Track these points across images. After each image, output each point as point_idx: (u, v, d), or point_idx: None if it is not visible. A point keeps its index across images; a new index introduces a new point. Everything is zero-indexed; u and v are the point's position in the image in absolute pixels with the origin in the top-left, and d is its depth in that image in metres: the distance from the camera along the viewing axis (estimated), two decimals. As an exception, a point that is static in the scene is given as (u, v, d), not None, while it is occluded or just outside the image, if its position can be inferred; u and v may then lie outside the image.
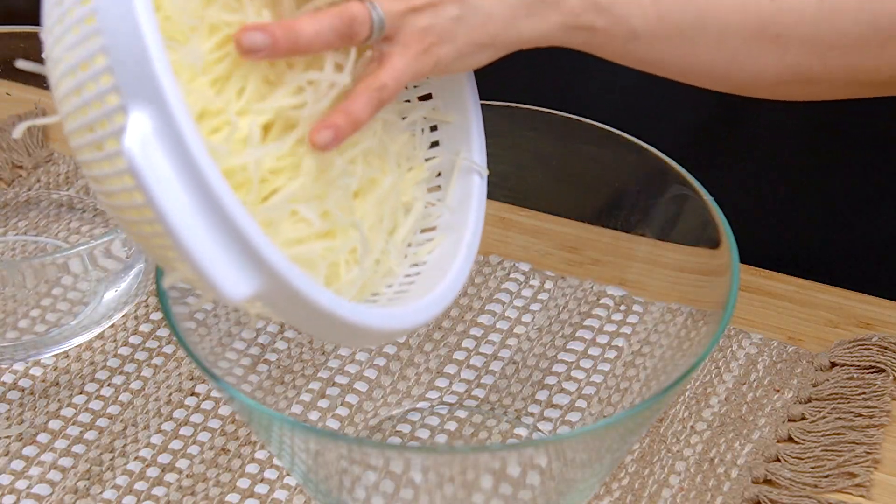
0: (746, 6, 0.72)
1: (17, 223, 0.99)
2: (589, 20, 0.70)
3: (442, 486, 0.67)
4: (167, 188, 0.55)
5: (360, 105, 0.66)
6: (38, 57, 0.99)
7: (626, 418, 0.67)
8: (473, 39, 0.69)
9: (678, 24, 0.71)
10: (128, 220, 0.61)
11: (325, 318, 0.60)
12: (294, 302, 0.59)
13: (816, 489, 0.79)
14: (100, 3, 0.57)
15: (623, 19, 0.71)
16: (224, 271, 0.57)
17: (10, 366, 0.87)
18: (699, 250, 0.77)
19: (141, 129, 0.55)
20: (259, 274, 0.57)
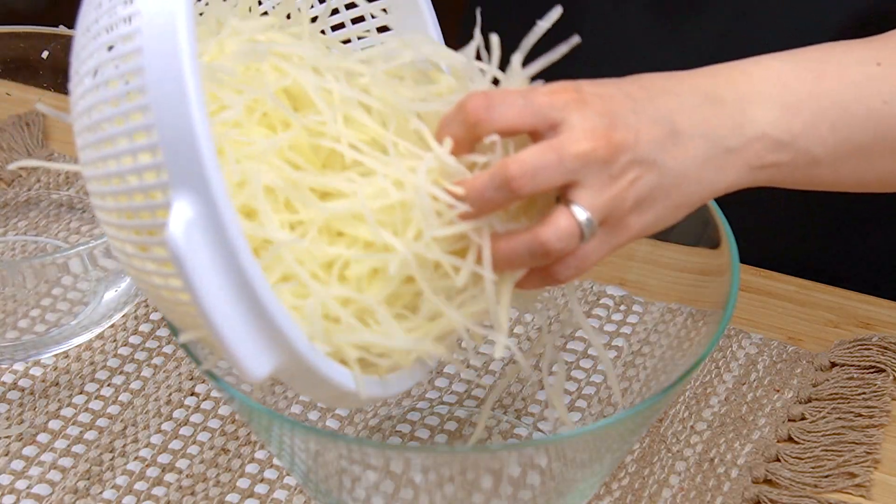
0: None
1: (17, 223, 0.99)
2: (773, 158, 0.71)
3: (442, 486, 0.67)
4: (205, 274, 0.57)
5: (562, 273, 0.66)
6: (38, 56, 0.99)
7: (626, 418, 0.67)
8: (672, 202, 0.68)
9: (856, 145, 0.72)
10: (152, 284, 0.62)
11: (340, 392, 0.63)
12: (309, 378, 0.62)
13: (816, 489, 0.79)
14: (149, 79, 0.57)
15: (805, 151, 0.71)
16: (248, 353, 0.59)
17: (10, 366, 0.87)
18: (699, 250, 0.77)
19: (185, 216, 0.57)
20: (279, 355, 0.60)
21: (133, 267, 0.63)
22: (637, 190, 0.66)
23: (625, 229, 0.67)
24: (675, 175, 0.68)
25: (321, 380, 0.61)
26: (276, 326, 0.59)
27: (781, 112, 0.70)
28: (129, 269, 0.64)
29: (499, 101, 0.65)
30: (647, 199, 0.67)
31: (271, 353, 0.59)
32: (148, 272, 0.62)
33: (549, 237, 0.64)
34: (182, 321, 0.63)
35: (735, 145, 0.69)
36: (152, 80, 0.57)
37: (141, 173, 0.59)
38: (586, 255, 0.66)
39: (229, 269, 0.57)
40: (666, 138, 0.67)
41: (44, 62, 0.99)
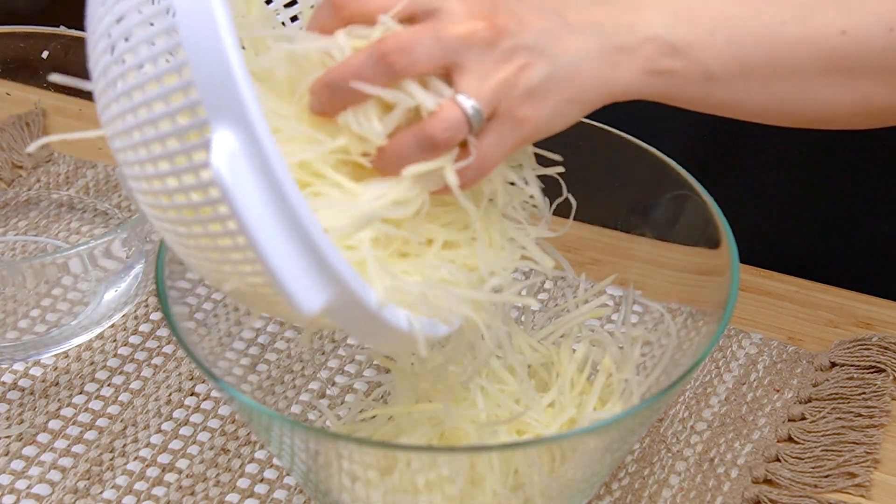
0: (817, 41, 0.71)
1: (17, 223, 0.99)
2: (667, 64, 0.70)
3: (442, 486, 0.67)
4: (254, 204, 0.57)
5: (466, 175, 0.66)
6: (38, 57, 0.99)
7: (626, 418, 0.67)
8: (566, 94, 0.68)
9: (752, 63, 0.71)
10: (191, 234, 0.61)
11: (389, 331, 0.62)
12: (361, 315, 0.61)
13: (816, 489, 0.79)
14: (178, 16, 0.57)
15: (699, 61, 0.70)
16: (301, 286, 0.58)
17: (10, 366, 0.87)
18: (699, 250, 0.77)
19: (227, 147, 0.56)
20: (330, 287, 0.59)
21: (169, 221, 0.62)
22: (527, 77, 0.66)
23: (522, 122, 0.66)
24: (568, 66, 0.67)
25: (372, 316, 0.61)
26: (327, 259, 0.58)
27: (675, 18, 0.70)
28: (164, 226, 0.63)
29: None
30: (539, 88, 0.66)
31: (323, 287, 0.59)
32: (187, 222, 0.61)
33: (434, 127, 0.64)
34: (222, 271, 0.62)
35: (627, 44, 0.69)
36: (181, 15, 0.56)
37: (174, 116, 0.59)
38: (485, 152, 0.66)
39: (276, 200, 0.57)
40: (555, 28, 0.67)
41: (44, 62, 0.99)
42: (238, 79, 0.56)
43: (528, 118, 0.66)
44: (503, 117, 0.66)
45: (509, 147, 0.66)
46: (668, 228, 0.80)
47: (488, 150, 0.66)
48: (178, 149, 0.59)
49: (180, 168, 0.59)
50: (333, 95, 0.65)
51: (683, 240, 0.78)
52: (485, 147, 0.65)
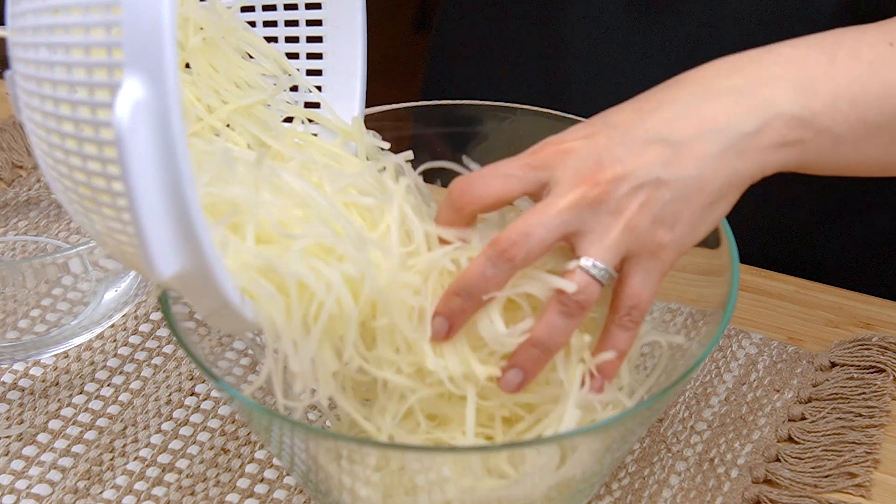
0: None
1: (17, 223, 0.99)
2: (796, 135, 0.70)
3: (442, 486, 0.67)
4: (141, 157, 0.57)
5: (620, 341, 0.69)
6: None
7: (626, 418, 0.67)
8: (699, 206, 0.68)
9: (877, 122, 0.72)
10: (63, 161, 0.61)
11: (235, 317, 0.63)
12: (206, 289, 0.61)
13: (816, 489, 0.79)
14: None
15: (826, 129, 0.71)
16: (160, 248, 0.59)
17: (10, 366, 0.87)
18: (699, 250, 0.77)
19: (134, 95, 0.57)
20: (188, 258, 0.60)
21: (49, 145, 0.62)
22: (651, 211, 0.67)
23: (661, 250, 0.68)
24: (689, 181, 0.68)
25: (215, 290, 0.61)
26: (193, 225, 0.58)
27: (798, 91, 0.70)
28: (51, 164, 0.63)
29: (478, 179, 0.68)
30: (665, 214, 0.67)
31: (181, 255, 0.59)
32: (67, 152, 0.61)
33: (567, 296, 0.67)
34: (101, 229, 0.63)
35: (753, 128, 0.69)
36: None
37: (90, 49, 0.59)
38: (635, 293, 0.68)
39: (166, 161, 0.57)
40: (663, 154, 0.68)
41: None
42: (165, 31, 0.56)
43: (665, 244, 0.68)
44: (640, 255, 0.68)
45: (657, 278, 0.68)
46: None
47: (639, 288, 0.68)
48: (83, 80, 0.59)
49: (79, 99, 0.59)
50: (464, 304, 0.67)
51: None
52: (635, 287, 0.68)
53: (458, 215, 0.69)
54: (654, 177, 0.67)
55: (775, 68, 0.71)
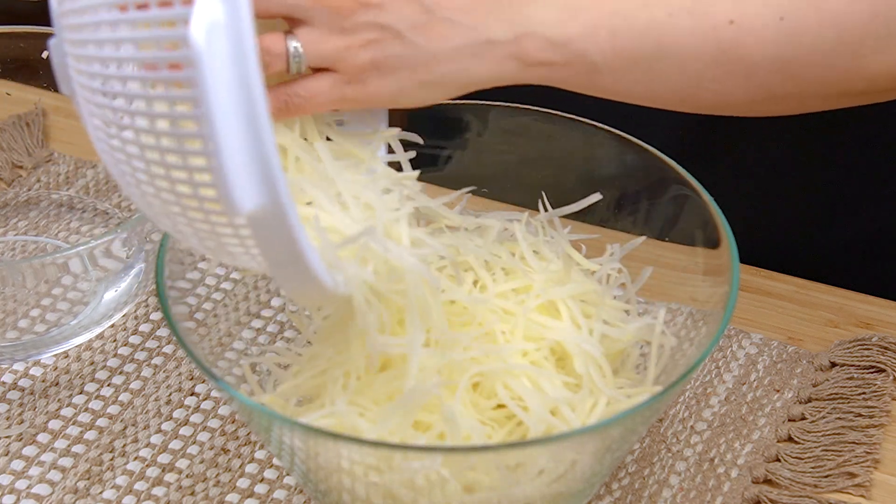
0: (705, 32, 0.71)
1: (17, 223, 0.99)
2: (545, 57, 0.71)
3: (442, 486, 0.67)
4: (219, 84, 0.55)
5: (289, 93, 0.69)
6: (38, 56, 0.99)
7: (626, 418, 0.67)
8: (417, 77, 0.70)
9: (637, 56, 0.71)
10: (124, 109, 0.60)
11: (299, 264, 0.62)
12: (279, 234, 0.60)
13: (816, 489, 0.79)
14: None
15: (580, 54, 0.71)
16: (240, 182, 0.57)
17: (10, 366, 0.87)
18: (699, 250, 0.77)
19: (211, 15, 0.55)
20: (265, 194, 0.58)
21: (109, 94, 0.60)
22: (374, 51, 0.69)
23: (357, 82, 0.69)
24: (424, 53, 0.69)
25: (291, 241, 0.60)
26: (271, 164, 0.57)
27: (559, 14, 0.71)
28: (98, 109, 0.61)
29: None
30: (385, 64, 0.69)
31: (258, 192, 0.58)
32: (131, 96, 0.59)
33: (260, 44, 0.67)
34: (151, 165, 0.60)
35: (500, 38, 0.70)
36: None
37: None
38: (311, 87, 0.69)
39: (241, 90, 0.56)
40: (419, 16, 0.69)
41: (44, 62, 0.99)
42: None
43: (366, 83, 0.69)
44: (343, 73, 0.69)
45: (337, 96, 0.70)
46: (668, 228, 0.80)
47: (318, 88, 0.69)
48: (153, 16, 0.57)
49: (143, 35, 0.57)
50: None
51: (683, 240, 0.78)
52: (315, 85, 0.69)
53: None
54: (398, 27, 0.69)
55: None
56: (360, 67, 0.69)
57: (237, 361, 0.79)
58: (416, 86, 0.70)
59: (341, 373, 0.71)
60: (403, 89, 0.70)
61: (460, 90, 0.72)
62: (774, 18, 0.71)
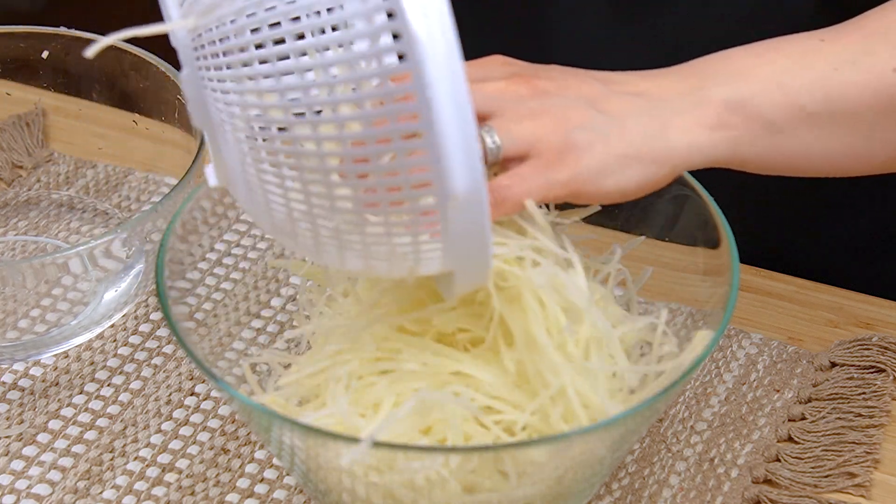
0: (871, 81, 0.73)
1: (17, 223, 0.99)
2: (727, 120, 0.71)
3: (442, 486, 0.67)
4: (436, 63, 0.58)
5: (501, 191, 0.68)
6: (38, 56, 0.99)
7: (626, 418, 0.67)
8: (614, 150, 0.69)
9: (811, 109, 0.72)
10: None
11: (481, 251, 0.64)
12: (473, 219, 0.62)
13: (816, 489, 0.79)
14: None
15: (758, 114, 0.72)
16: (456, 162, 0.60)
17: (10, 366, 0.87)
18: (699, 250, 0.77)
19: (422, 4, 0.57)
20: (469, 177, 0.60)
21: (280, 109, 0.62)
22: (564, 126, 0.68)
23: (560, 165, 0.68)
24: (613, 121, 0.69)
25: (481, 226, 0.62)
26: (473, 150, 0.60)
27: (728, 79, 0.72)
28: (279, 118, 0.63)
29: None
30: (579, 139, 0.68)
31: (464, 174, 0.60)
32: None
33: None
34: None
35: (680, 108, 0.71)
36: None
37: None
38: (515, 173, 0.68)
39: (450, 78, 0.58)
40: (598, 91, 0.70)
41: (44, 62, 0.99)
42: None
43: (568, 164, 0.68)
44: (539, 159, 0.68)
45: (545, 186, 0.68)
46: (667, 228, 0.80)
47: (520, 177, 0.68)
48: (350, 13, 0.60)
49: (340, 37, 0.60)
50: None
51: (683, 240, 0.78)
52: (514, 171, 0.68)
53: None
54: (582, 102, 0.69)
55: (708, 63, 0.73)
56: (556, 147, 0.68)
57: (237, 361, 0.79)
58: (616, 160, 0.69)
59: (344, 372, 0.71)
60: (605, 165, 0.68)
61: (662, 167, 0.70)
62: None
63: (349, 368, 0.71)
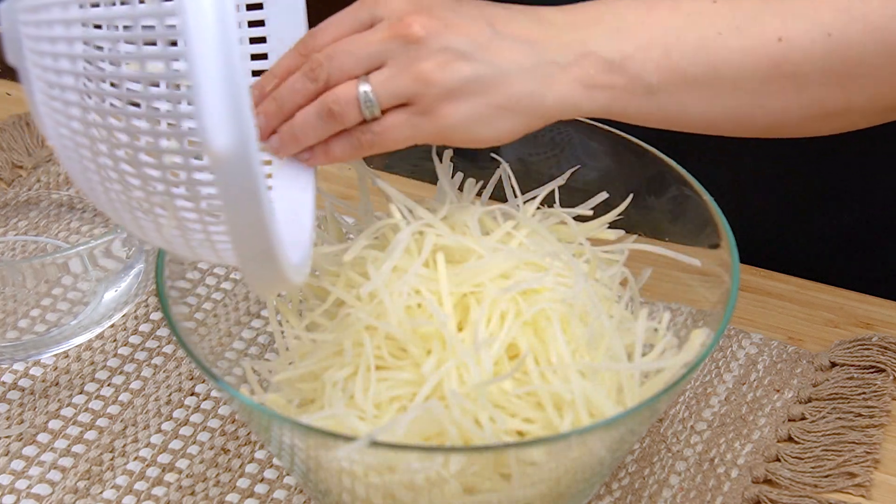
0: (755, 49, 0.72)
1: (17, 223, 0.99)
2: (606, 80, 0.71)
3: (441, 486, 0.67)
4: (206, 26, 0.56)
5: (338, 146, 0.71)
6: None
7: (626, 418, 0.67)
8: (492, 100, 0.70)
9: (692, 74, 0.72)
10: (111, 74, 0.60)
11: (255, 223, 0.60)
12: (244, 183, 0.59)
13: (816, 489, 0.79)
14: None
15: (637, 75, 0.72)
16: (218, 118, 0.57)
17: (10, 366, 0.87)
18: (699, 250, 0.77)
19: None
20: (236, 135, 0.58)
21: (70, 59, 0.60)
22: (448, 75, 0.69)
23: (435, 115, 0.69)
24: (496, 72, 0.70)
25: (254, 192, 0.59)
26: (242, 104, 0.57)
27: (610, 35, 0.72)
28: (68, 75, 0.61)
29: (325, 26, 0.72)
30: (461, 88, 0.69)
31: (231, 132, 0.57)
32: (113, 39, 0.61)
33: (325, 97, 0.69)
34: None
35: (561, 60, 0.71)
36: None
37: None
38: (387, 125, 0.70)
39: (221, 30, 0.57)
40: (486, 36, 0.70)
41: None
42: None
43: (444, 114, 0.70)
44: (417, 106, 0.69)
45: (416, 132, 0.70)
46: (668, 228, 0.80)
47: (391, 124, 0.70)
48: None
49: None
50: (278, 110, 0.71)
51: (683, 240, 0.78)
52: (388, 121, 0.70)
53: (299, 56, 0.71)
54: (468, 49, 0.69)
55: (593, 11, 0.73)
56: (433, 97, 0.69)
57: (237, 361, 0.79)
58: (492, 112, 0.70)
59: (342, 376, 0.71)
60: (480, 115, 0.70)
61: (535, 119, 0.71)
62: (822, 34, 0.72)
63: (345, 373, 0.71)
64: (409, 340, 0.70)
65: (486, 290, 0.71)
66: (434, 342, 0.70)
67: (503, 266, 0.72)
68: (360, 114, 0.69)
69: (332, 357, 0.72)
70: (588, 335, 0.71)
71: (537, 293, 0.72)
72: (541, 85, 0.70)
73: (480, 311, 0.70)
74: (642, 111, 0.73)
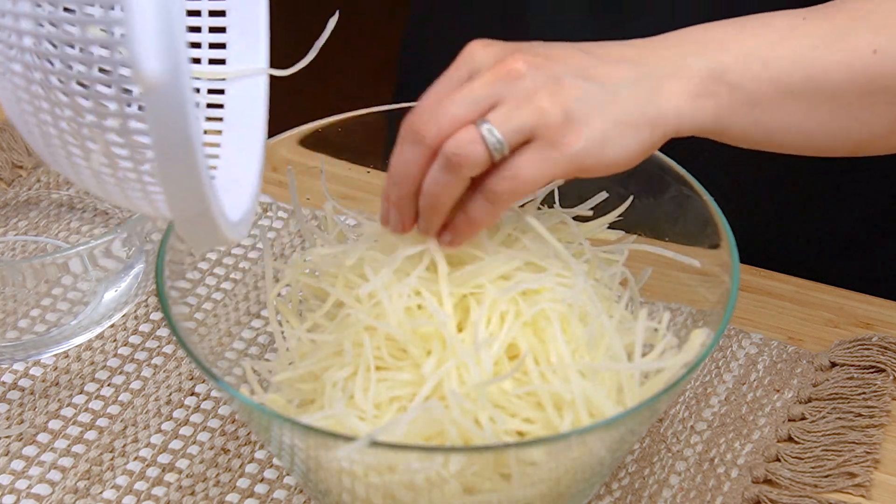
0: (851, 62, 0.73)
1: (17, 223, 0.99)
2: (710, 89, 0.71)
3: (441, 486, 0.67)
4: None
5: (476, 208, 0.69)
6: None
7: (625, 418, 0.67)
8: (611, 117, 0.69)
9: (791, 85, 0.73)
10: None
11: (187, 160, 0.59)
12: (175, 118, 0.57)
13: (816, 489, 0.79)
14: None
15: (738, 85, 0.72)
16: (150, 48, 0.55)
17: (10, 366, 0.87)
18: (699, 250, 0.77)
19: None
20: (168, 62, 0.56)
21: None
22: (560, 100, 0.68)
23: (563, 144, 0.68)
24: (605, 89, 0.69)
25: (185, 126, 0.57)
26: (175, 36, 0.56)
27: (706, 49, 0.72)
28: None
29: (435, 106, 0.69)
30: (577, 112, 0.68)
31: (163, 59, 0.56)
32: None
33: (448, 145, 0.67)
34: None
35: (665, 72, 0.71)
36: None
37: None
38: (518, 166, 0.68)
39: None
40: (586, 61, 0.70)
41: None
42: None
43: (569, 141, 0.68)
44: (542, 139, 0.68)
45: (550, 167, 0.68)
46: (668, 228, 0.80)
47: (524, 163, 0.68)
48: None
49: None
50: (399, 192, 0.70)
51: (683, 240, 0.78)
52: (519, 161, 0.68)
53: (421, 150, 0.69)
54: (572, 73, 0.69)
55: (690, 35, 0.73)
56: (555, 126, 0.68)
57: (237, 361, 0.79)
58: (614, 130, 0.69)
59: (342, 376, 0.71)
60: (605, 135, 0.69)
61: (655, 132, 0.70)
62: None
63: (345, 373, 0.71)
64: (409, 341, 0.70)
65: (486, 291, 0.71)
66: (434, 342, 0.70)
67: (503, 268, 0.72)
68: (486, 153, 0.67)
69: (332, 357, 0.72)
70: (588, 335, 0.71)
71: (537, 293, 0.72)
72: (652, 96, 0.70)
73: (480, 311, 0.70)
74: (745, 125, 0.73)
